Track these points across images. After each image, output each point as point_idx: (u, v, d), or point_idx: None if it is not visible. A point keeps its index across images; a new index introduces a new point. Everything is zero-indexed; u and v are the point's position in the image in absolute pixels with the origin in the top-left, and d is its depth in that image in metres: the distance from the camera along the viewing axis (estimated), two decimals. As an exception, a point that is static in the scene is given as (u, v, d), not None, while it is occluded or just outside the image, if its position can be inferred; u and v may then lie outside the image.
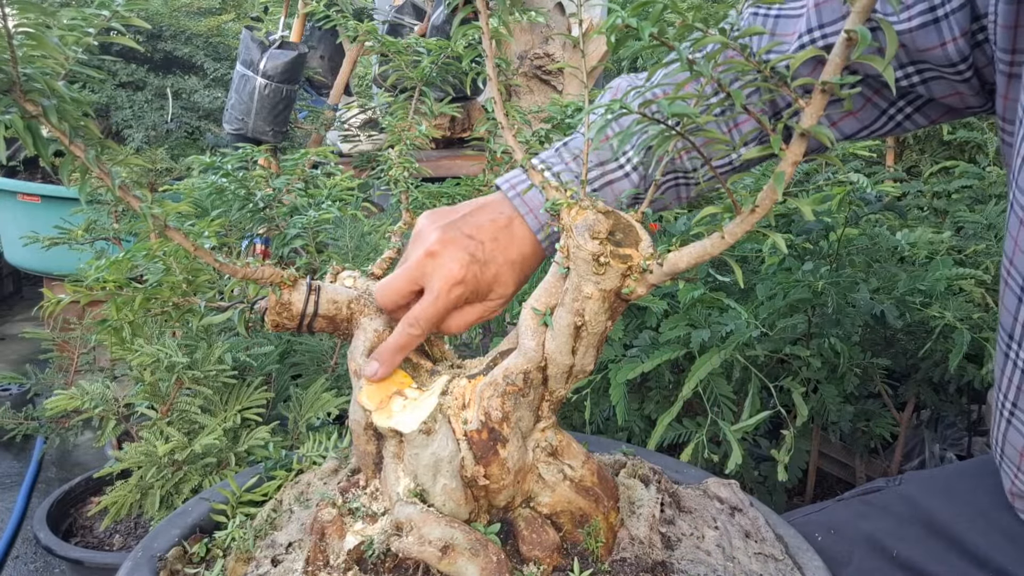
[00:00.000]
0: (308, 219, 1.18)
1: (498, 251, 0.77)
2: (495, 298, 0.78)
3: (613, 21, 0.50)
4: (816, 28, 0.77)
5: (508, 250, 0.78)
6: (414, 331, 0.72)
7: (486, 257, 0.76)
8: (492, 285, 0.77)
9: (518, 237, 0.79)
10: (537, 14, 1.06)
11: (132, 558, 0.73)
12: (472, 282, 0.74)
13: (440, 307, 0.73)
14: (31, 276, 3.33)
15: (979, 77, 0.74)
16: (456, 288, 0.73)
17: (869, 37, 0.42)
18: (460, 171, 2.58)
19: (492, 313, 0.78)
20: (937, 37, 0.71)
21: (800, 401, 1.16)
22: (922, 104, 0.81)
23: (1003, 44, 0.68)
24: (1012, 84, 0.70)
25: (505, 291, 0.78)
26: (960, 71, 0.73)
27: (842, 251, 1.33)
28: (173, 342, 1.22)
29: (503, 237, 0.78)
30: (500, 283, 0.77)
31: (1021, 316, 0.71)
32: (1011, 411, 0.76)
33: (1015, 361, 0.74)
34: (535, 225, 0.80)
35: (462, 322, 0.77)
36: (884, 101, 0.82)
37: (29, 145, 0.56)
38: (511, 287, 0.78)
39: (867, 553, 0.84)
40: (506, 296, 0.79)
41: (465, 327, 0.78)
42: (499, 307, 0.79)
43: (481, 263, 0.75)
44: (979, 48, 0.71)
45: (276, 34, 2.32)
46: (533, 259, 0.81)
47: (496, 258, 0.77)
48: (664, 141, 0.54)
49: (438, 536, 0.64)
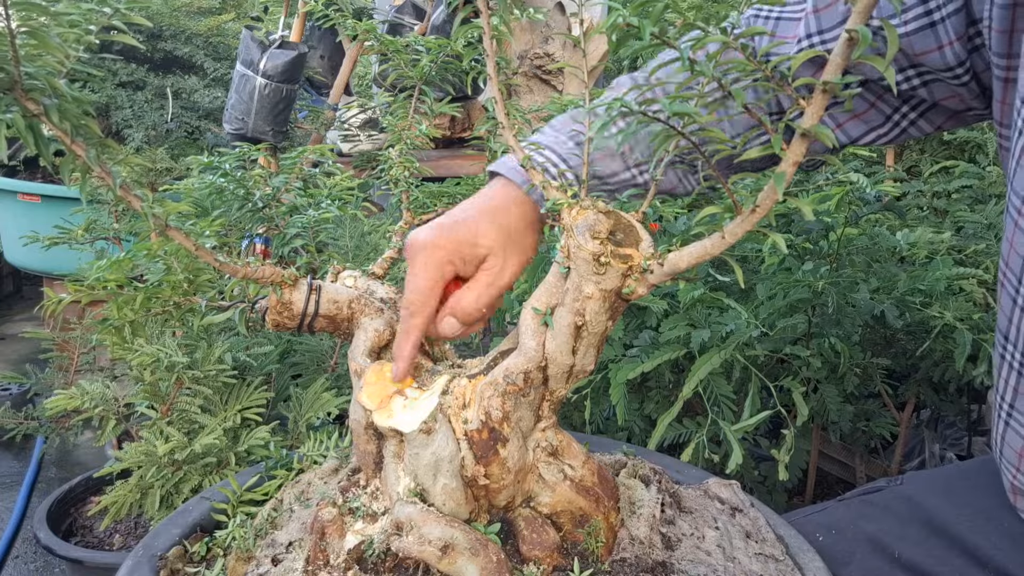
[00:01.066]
0: (308, 218, 1.18)
1: (467, 209, 0.74)
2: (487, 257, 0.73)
3: (614, 20, 0.50)
4: (815, 33, 0.77)
5: (482, 204, 0.75)
6: (407, 311, 0.71)
7: (453, 218, 0.73)
8: (472, 239, 0.72)
9: (491, 193, 0.76)
10: (537, 12, 1.06)
11: (133, 557, 0.73)
12: (446, 242, 0.71)
13: (420, 280, 0.71)
14: (31, 276, 3.33)
15: (978, 82, 0.74)
16: (434, 254, 0.71)
17: (870, 37, 0.42)
18: (460, 171, 2.58)
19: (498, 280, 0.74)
20: (934, 40, 0.71)
21: (800, 401, 1.16)
22: (926, 109, 0.81)
23: (998, 49, 0.68)
24: (1008, 89, 0.70)
25: (490, 241, 0.73)
26: (958, 75, 0.73)
27: (842, 251, 1.33)
28: (173, 342, 1.22)
29: (472, 201, 0.76)
30: (481, 234, 0.73)
31: (1016, 318, 0.72)
32: (1008, 412, 0.76)
33: (1011, 363, 0.74)
34: (519, 178, 0.76)
35: (472, 297, 0.73)
36: (888, 107, 0.82)
37: (30, 144, 0.56)
38: (495, 235, 0.73)
39: (868, 553, 0.84)
40: (494, 248, 0.73)
41: (482, 303, 0.73)
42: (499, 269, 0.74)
43: (450, 226, 0.72)
44: (977, 52, 0.72)
45: (276, 34, 2.32)
46: (516, 204, 0.76)
47: (466, 214, 0.73)
48: (665, 140, 0.54)
49: (438, 536, 0.64)
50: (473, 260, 0.73)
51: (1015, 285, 0.71)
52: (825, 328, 1.26)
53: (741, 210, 0.55)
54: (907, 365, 1.44)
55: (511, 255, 0.75)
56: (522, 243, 0.76)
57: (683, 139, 0.55)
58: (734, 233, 0.55)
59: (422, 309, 0.71)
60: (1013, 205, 0.69)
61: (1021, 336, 0.71)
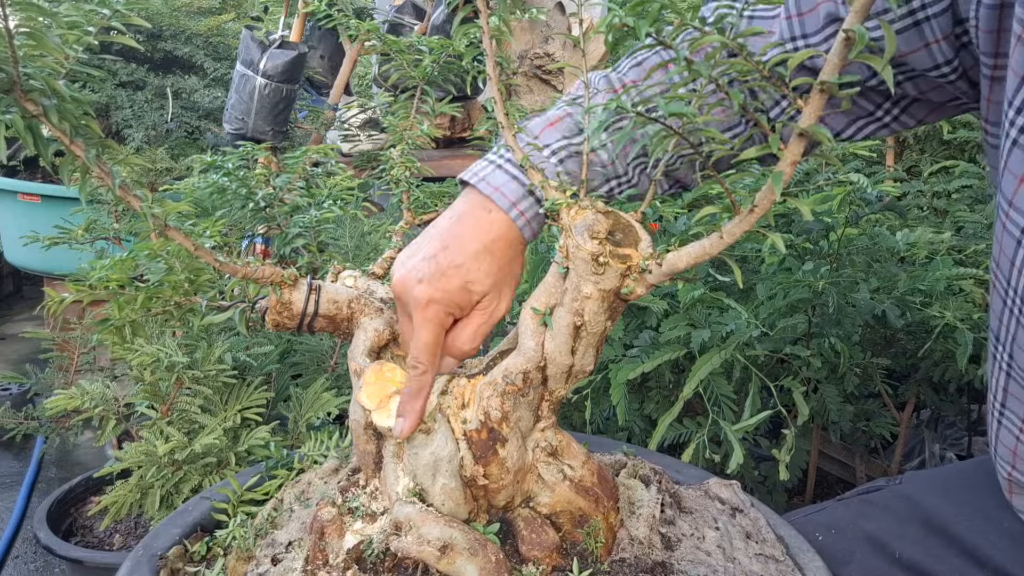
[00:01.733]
0: (310, 218, 1.18)
1: (456, 252, 0.72)
2: (482, 298, 0.73)
3: (611, 20, 0.50)
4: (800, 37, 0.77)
5: (466, 244, 0.73)
6: (418, 371, 0.71)
7: (443, 267, 0.72)
8: (467, 287, 0.72)
9: (475, 225, 0.74)
10: (538, 12, 1.06)
11: (133, 556, 0.73)
12: (440, 295, 0.71)
13: (424, 336, 0.71)
14: (31, 276, 3.33)
15: (967, 79, 0.74)
16: (428, 310, 0.70)
17: (867, 37, 0.42)
18: (461, 171, 2.57)
19: (493, 316, 0.75)
20: (919, 39, 0.71)
21: (800, 401, 1.16)
22: (908, 104, 0.81)
23: (986, 48, 0.68)
24: (995, 87, 0.70)
25: (484, 286, 0.73)
26: (944, 73, 0.73)
27: (842, 251, 1.33)
28: (173, 342, 1.22)
29: (455, 236, 0.74)
30: (474, 280, 0.72)
31: (1004, 318, 0.72)
32: (1000, 412, 0.76)
33: (1000, 363, 0.75)
34: (504, 203, 0.74)
35: (468, 336, 0.73)
36: (870, 103, 0.82)
37: (29, 145, 0.56)
38: (488, 279, 0.73)
39: (868, 553, 0.84)
40: (488, 290, 0.73)
41: (478, 340, 0.74)
42: (494, 307, 0.75)
43: (440, 275, 0.71)
44: (965, 50, 0.72)
45: (276, 34, 2.32)
46: (504, 240, 0.74)
47: (455, 260, 0.72)
48: (662, 141, 0.54)
49: (437, 536, 0.64)
50: (468, 305, 0.73)
51: (1004, 287, 0.71)
52: (825, 328, 1.26)
53: (739, 210, 0.55)
54: (907, 365, 1.45)
55: (503, 290, 0.75)
56: (512, 274, 0.76)
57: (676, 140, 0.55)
58: (732, 233, 0.55)
59: (431, 366, 0.71)
60: (1001, 208, 0.69)
61: (1009, 337, 0.72)
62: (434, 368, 0.72)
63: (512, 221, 0.74)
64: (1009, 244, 0.68)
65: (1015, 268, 0.68)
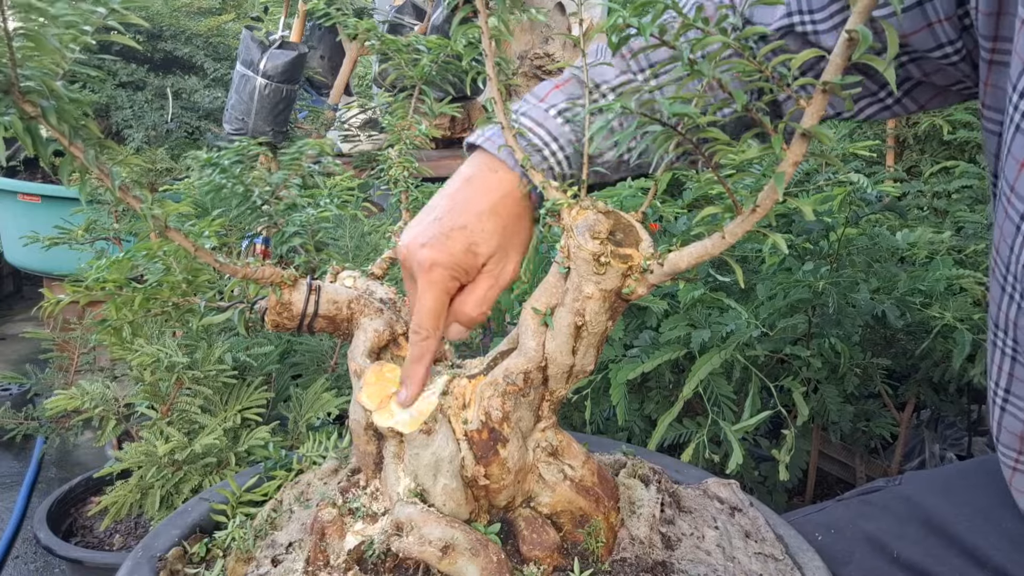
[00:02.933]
0: (307, 217, 1.17)
1: (460, 213, 0.71)
2: (487, 260, 0.71)
3: (614, 20, 0.50)
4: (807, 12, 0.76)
5: (472, 203, 0.71)
6: (420, 336, 0.70)
7: (447, 228, 0.70)
8: (471, 248, 0.70)
9: (482, 185, 0.72)
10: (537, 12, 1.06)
11: (132, 557, 0.73)
12: (445, 258, 0.69)
13: (428, 300, 0.69)
14: (31, 276, 3.33)
15: (970, 62, 0.74)
16: (433, 272, 0.69)
17: (871, 37, 0.42)
18: (460, 171, 2.57)
19: (500, 279, 0.72)
20: (922, 19, 0.71)
21: (800, 401, 1.16)
22: (911, 87, 0.81)
23: (985, 31, 0.68)
24: (993, 71, 0.70)
25: (489, 247, 0.71)
26: (947, 54, 0.73)
27: (842, 251, 1.33)
28: (173, 342, 1.22)
29: (462, 196, 0.72)
30: (479, 241, 0.70)
31: (1004, 305, 0.72)
32: (1004, 398, 0.76)
33: (1003, 349, 0.75)
34: (511, 161, 0.72)
35: (475, 301, 0.72)
36: (874, 83, 0.81)
37: (28, 146, 0.56)
38: (493, 238, 0.71)
39: (867, 553, 0.84)
40: (493, 251, 0.71)
41: (485, 305, 0.72)
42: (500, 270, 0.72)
43: (444, 236, 0.70)
44: (967, 32, 0.72)
45: (276, 34, 2.32)
46: (511, 198, 0.72)
47: (459, 221, 0.70)
48: (665, 141, 0.54)
49: (438, 536, 0.64)
50: (474, 268, 0.72)
51: (1003, 273, 0.71)
52: (825, 328, 1.26)
53: (741, 210, 0.55)
54: (907, 365, 1.44)
55: (510, 252, 0.73)
56: (519, 235, 0.74)
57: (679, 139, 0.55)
58: (734, 233, 0.55)
59: (434, 331, 0.70)
60: (1003, 194, 0.69)
61: (1010, 323, 0.72)
62: (437, 334, 0.70)
63: (519, 178, 0.73)
64: (1009, 229, 0.68)
65: (1014, 254, 0.68)
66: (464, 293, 0.72)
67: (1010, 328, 0.72)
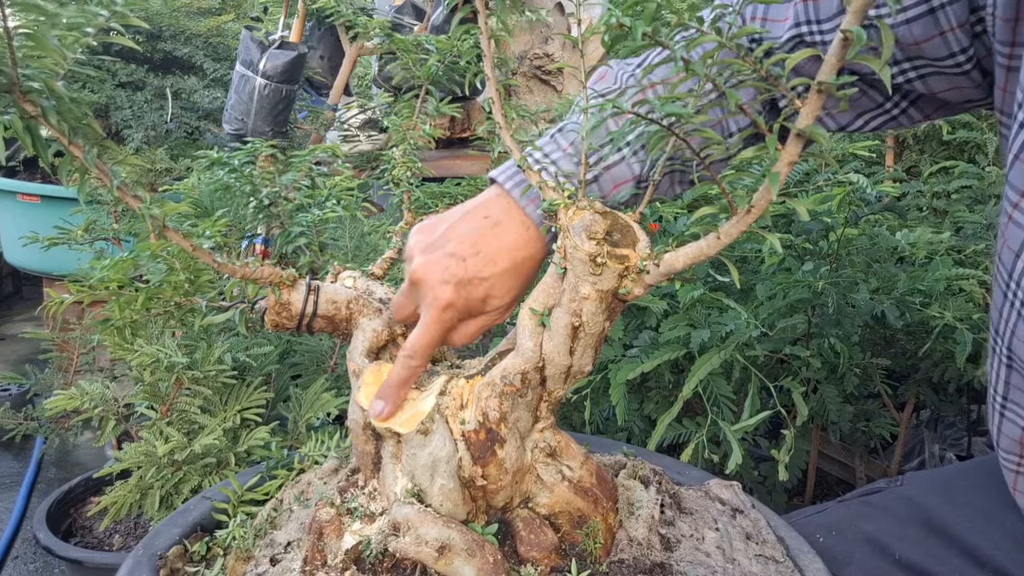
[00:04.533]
0: (313, 217, 1.18)
1: (484, 263, 0.72)
2: (492, 310, 0.74)
3: (607, 19, 0.50)
4: (815, 22, 0.77)
5: (498, 257, 0.72)
6: (413, 362, 0.71)
7: (471, 274, 0.71)
8: (485, 299, 0.73)
9: (509, 240, 0.73)
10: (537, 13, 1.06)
11: (133, 556, 0.73)
12: (461, 303, 0.72)
13: (432, 335, 0.71)
14: (31, 276, 3.33)
15: (980, 69, 0.74)
16: (445, 313, 0.71)
17: (865, 37, 0.42)
18: (461, 171, 2.58)
19: (495, 321, 0.76)
20: (935, 27, 0.71)
21: (800, 401, 1.16)
22: (917, 98, 0.81)
23: (1002, 37, 0.68)
24: (1011, 77, 0.70)
25: (502, 301, 0.74)
26: (959, 63, 0.73)
27: (842, 251, 1.33)
28: (173, 342, 1.22)
29: (490, 245, 0.73)
30: (496, 295, 0.73)
31: (1005, 311, 0.72)
32: (1003, 404, 0.76)
33: (1000, 356, 0.75)
34: (537, 217, 0.74)
35: (465, 335, 0.74)
36: (880, 95, 0.82)
37: (28, 145, 0.56)
38: (509, 295, 0.74)
39: (868, 554, 0.84)
40: (505, 305, 0.75)
41: (470, 339, 0.75)
42: (501, 315, 0.76)
43: (466, 283, 0.71)
44: (978, 39, 0.72)
45: (276, 34, 2.32)
46: (533, 260, 0.75)
47: (482, 272, 0.72)
48: (659, 141, 0.54)
49: (435, 536, 0.64)
50: (480, 312, 0.74)
51: (1006, 280, 0.71)
52: (825, 328, 1.26)
53: (736, 211, 0.55)
54: (907, 365, 1.44)
55: (517, 300, 0.76)
56: (529, 286, 0.76)
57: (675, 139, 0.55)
58: (729, 234, 0.55)
59: (423, 363, 0.72)
60: (1009, 199, 0.69)
61: (1009, 330, 0.72)
62: (425, 364, 0.72)
63: (544, 241, 0.75)
64: (1014, 236, 0.68)
65: (1020, 259, 0.68)
66: (460, 326, 0.74)
67: (1007, 335, 0.72)
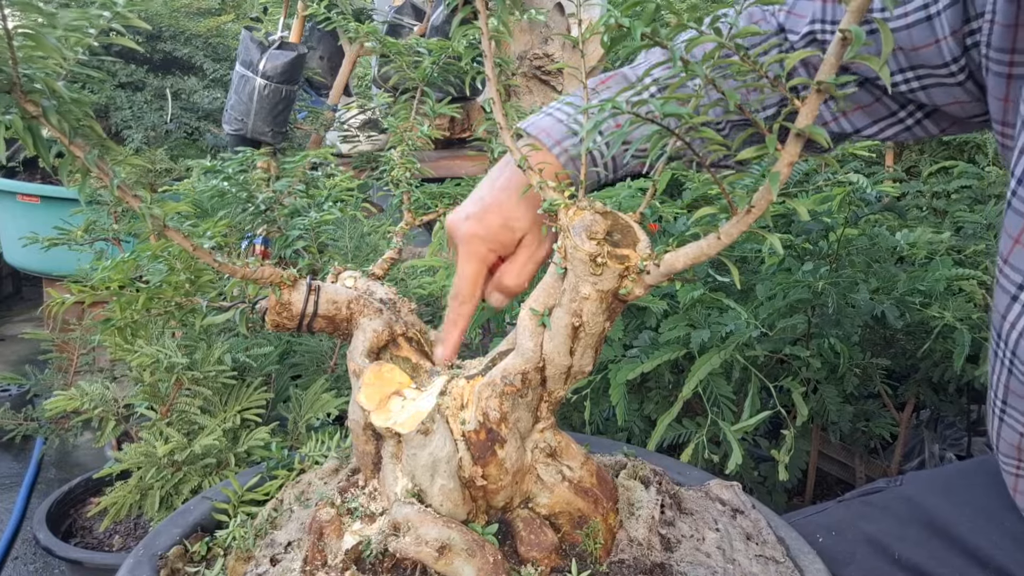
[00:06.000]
0: (310, 220, 1.18)
1: (498, 191, 0.77)
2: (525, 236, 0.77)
3: (606, 20, 0.50)
4: (829, 22, 0.78)
5: (511, 183, 0.77)
6: (457, 301, 0.75)
7: (487, 204, 0.76)
8: (508, 223, 0.76)
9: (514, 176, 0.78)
10: (537, 13, 1.06)
11: (134, 556, 0.73)
12: (483, 232, 0.75)
13: (467, 269, 0.75)
14: (30, 277, 3.33)
15: (974, 81, 0.74)
16: (471, 244, 0.75)
17: (864, 36, 0.42)
18: (460, 171, 2.58)
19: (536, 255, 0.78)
20: (931, 34, 0.71)
21: (800, 401, 1.16)
22: (931, 111, 0.82)
23: (1001, 43, 0.67)
24: (1013, 85, 0.69)
25: (524, 223, 0.77)
26: (953, 72, 0.73)
27: (842, 251, 1.33)
28: (173, 343, 1.22)
29: (496, 183, 0.78)
30: (515, 217, 0.76)
31: (1011, 316, 0.72)
32: (1002, 409, 0.76)
33: (1003, 360, 0.74)
34: (549, 141, 0.78)
35: (514, 272, 0.77)
36: (895, 103, 0.82)
37: (29, 146, 0.56)
38: (528, 215, 0.77)
39: (868, 554, 0.84)
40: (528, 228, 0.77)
41: (523, 277, 0.78)
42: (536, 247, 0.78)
43: (481, 215, 0.76)
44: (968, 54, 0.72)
45: (276, 34, 2.32)
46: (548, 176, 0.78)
47: (498, 198, 0.77)
48: (659, 141, 0.54)
49: (435, 536, 0.64)
50: (511, 242, 0.77)
51: (1018, 283, 0.70)
52: (825, 328, 1.26)
53: (736, 211, 0.55)
54: (907, 365, 1.44)
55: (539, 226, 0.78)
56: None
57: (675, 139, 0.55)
58: (729, 234, 0.55)
59: (470, 298, 0.76)
60: (1020, 200, 0.69)
61: (1012, 338, 0.72)
62: (473, 300, 0.76)
63: (556, 158, 0.79)
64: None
65: None
66: (504, 265, 0.79)
67: (1011, 340, 0.72)
